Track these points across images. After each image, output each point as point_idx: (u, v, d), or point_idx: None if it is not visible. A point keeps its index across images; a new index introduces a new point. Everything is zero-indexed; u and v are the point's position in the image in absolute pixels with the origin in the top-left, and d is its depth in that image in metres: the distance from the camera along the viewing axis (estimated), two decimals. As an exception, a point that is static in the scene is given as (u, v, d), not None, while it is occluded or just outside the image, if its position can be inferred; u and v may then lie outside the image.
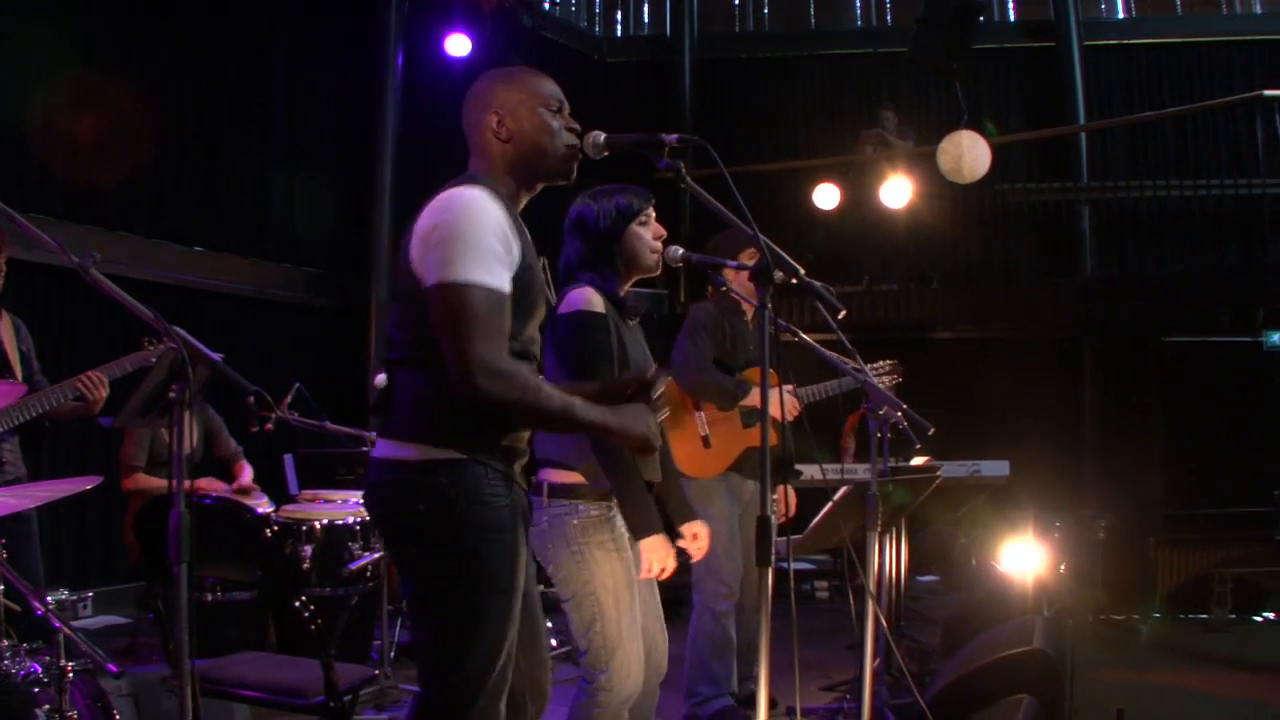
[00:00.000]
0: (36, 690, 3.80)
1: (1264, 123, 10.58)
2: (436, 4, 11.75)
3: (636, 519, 3.95)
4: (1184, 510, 10.07)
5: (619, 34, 15.45)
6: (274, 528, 6.22)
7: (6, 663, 3.85)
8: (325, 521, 6.48)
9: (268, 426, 6.13)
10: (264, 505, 7.04)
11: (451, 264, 2.93)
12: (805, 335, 4.81)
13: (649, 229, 4.20)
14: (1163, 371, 11.61)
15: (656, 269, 4.25)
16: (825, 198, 12.21)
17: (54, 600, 3.92)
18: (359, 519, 6.53)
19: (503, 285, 2.98)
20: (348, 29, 11.71)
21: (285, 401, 6.76)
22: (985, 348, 12.93)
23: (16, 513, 4.30)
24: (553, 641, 7.41)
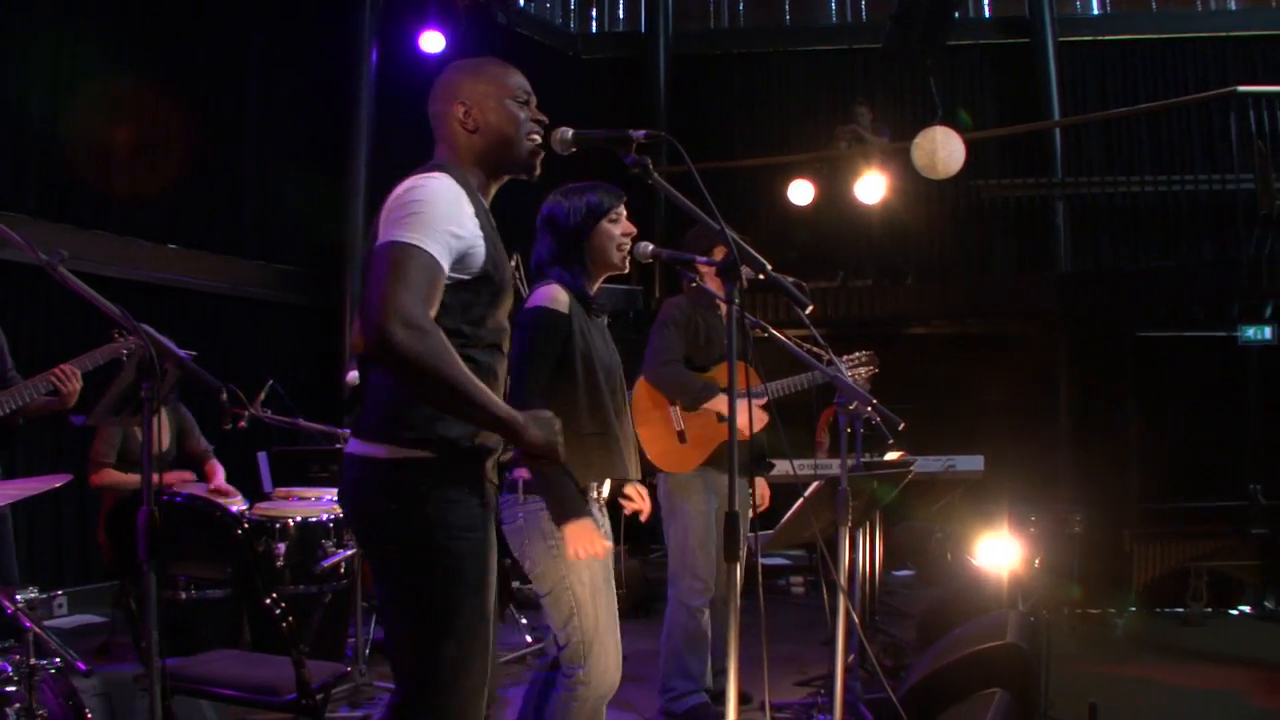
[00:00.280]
0: (7, 689, 3.79)
1: (1238, 118, 10.60)
2: (411, 1, 11.75)
3: (559, 508, 3.91)
4: (1159, 504, 10.13)
5: (594, 30, 15.45)
6: (245, 525, 6.20)
7: (-25, 662, 3.84)
8: (299, 519, 6.47)
9: (241, 424, 6.14)
10: (238, 503, 7.03)
11: (398, 229, 2.88)
12: (775, 331, 4.82)
13: (619, 226, 4.23)
14: (1138, 366, 11.64)
15: (625, 266, 4.28)
16: (800, 194, 12.23)
17: (24, 599, 3.87)
18: (332, 516, 6.52)
19: (444, 260, 2.91)
20: (322, 25, 11.68)
21: (258, 399, 6.75)
22: (960, 343, 12.98)
23: (-10, 512, 4.28)
24: (527, 638, 7.42)
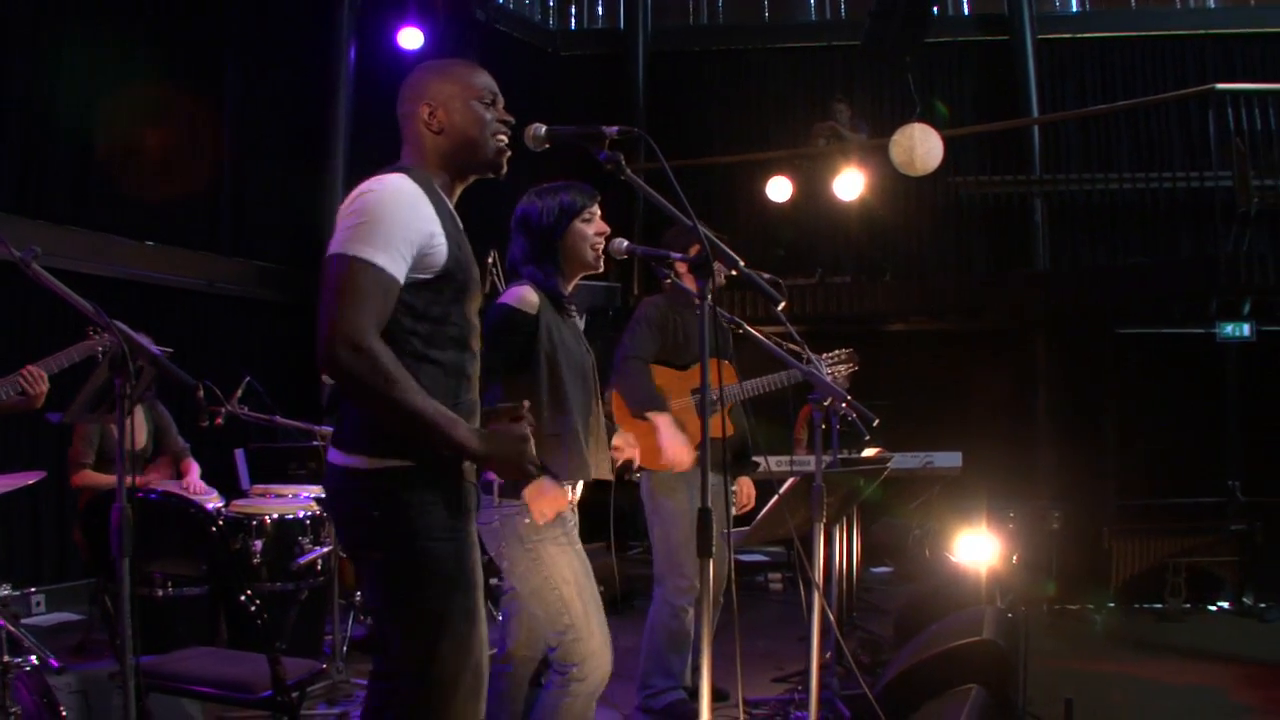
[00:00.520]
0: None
1: (1216, 116, 10.64)
2: (389, -3, 11.74)
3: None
4: (1138, 501, 10.18)
5: (573, 27, 15.40)
6: (219, 523, 6.19)
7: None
8: (275, 516, 6.48)
9: (218, 421, 6.12)
10: (214, 501, 7.02)
11: (349, 241, 2.90)
12: (751, 328, 4.82)
13: (592, 226, 4.24)
14: (1116, 363, 11.67)
15: (598, 266, 4.29)
16: (778, 190, 12.21)
17: (-3, 597, 3.88)
18: (309, 513, 6.52)
19: (394, 269, 2.91)
20: (300, 22, 11.63)
21: (235, 396, 6.73)
22: (938, 340, 12.99)
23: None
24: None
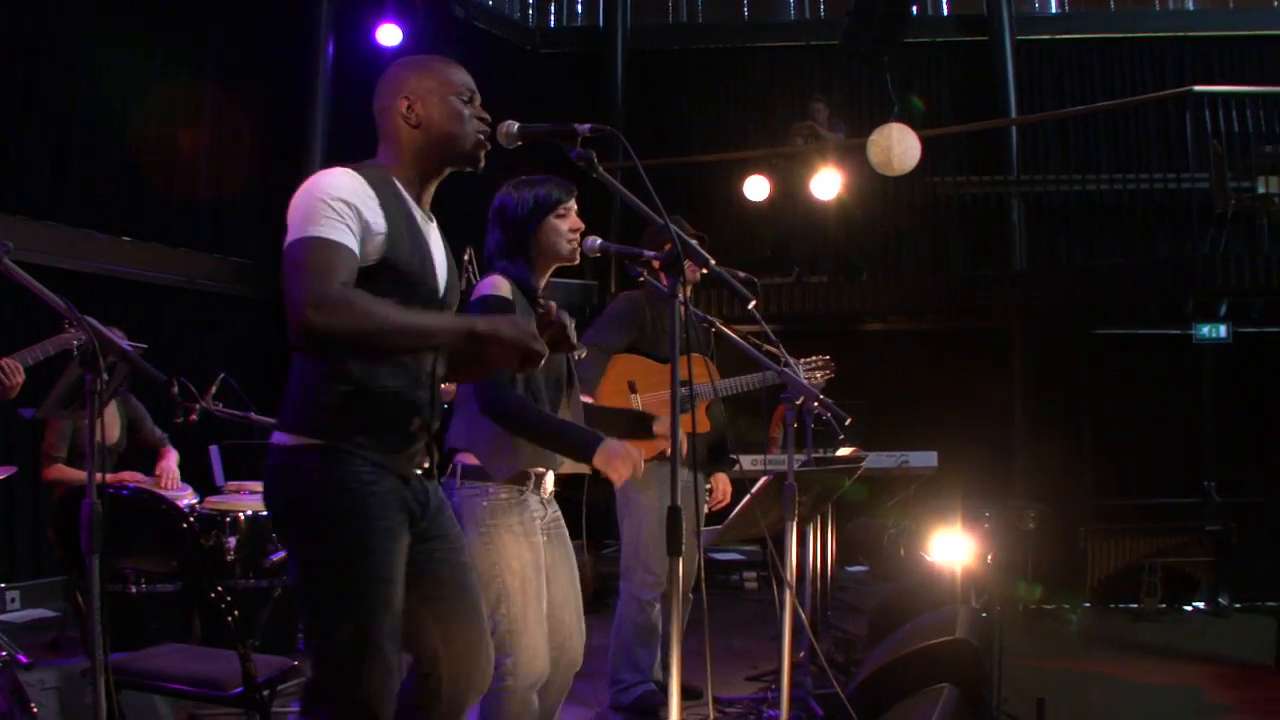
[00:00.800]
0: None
1: (1193, 118, 10.67)
2: (368, -6, 11.71)
3: (573, 447, 3.97)
4: (1113, 501, 10.21)
5: (552, 25, 15.42)
6: (191, 519, 6.17)
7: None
8: (249, 513, 6.47)
9: (192, 418, 6.10)
10: (188, 497, 7.00)
11: (296, 229, 3.02)
12: (725, 327, 4.83)
13: (567, 222, 4.23)
14: (1092, 363, 11.69)
15: (573, 259, 4.28)
16: (756, 189, 12.22)
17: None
18: (283, 511, 6.49)
19: (342, 239, 2.98)
20: (279, 18, 11.60)
21: (210, 392, 6.70)
22: (915, 339, 13.01)
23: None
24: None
